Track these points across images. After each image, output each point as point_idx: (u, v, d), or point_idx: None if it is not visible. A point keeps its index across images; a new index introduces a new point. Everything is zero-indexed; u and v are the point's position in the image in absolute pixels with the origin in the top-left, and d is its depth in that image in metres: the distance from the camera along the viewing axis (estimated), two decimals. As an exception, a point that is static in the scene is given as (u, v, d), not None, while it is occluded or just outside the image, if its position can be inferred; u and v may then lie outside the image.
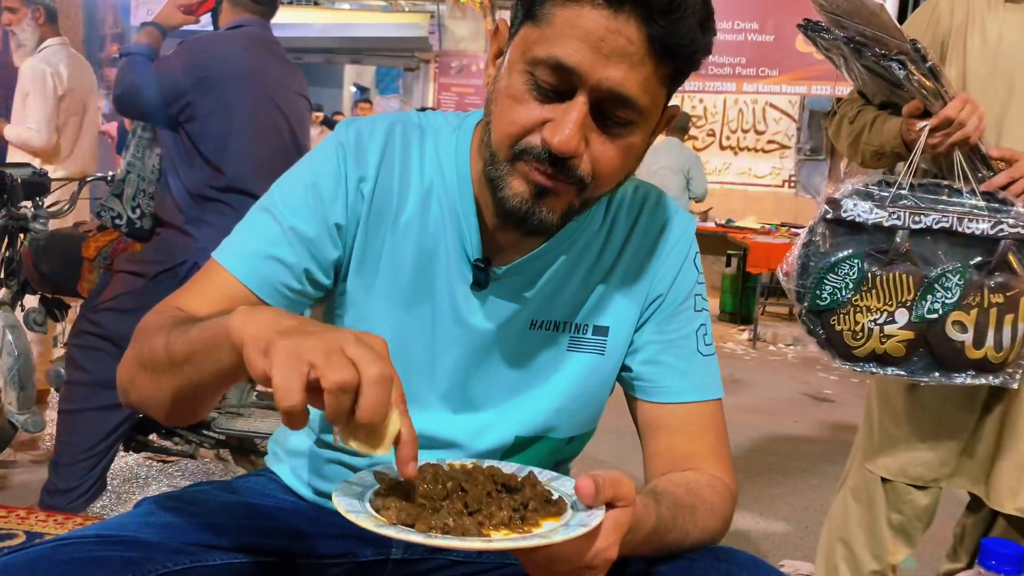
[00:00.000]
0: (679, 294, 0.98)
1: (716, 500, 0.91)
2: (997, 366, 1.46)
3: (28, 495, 2.59)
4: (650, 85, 0.81)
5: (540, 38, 0.80)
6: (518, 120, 0.82)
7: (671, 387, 0.97)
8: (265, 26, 2.38)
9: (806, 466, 3.55)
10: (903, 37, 1.43)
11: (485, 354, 0.95)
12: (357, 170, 0.92)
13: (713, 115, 9.09)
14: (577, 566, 0.69)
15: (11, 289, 2.70)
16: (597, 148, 0.82)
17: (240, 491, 1.04)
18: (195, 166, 2.26)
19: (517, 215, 0.85)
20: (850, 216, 1.40)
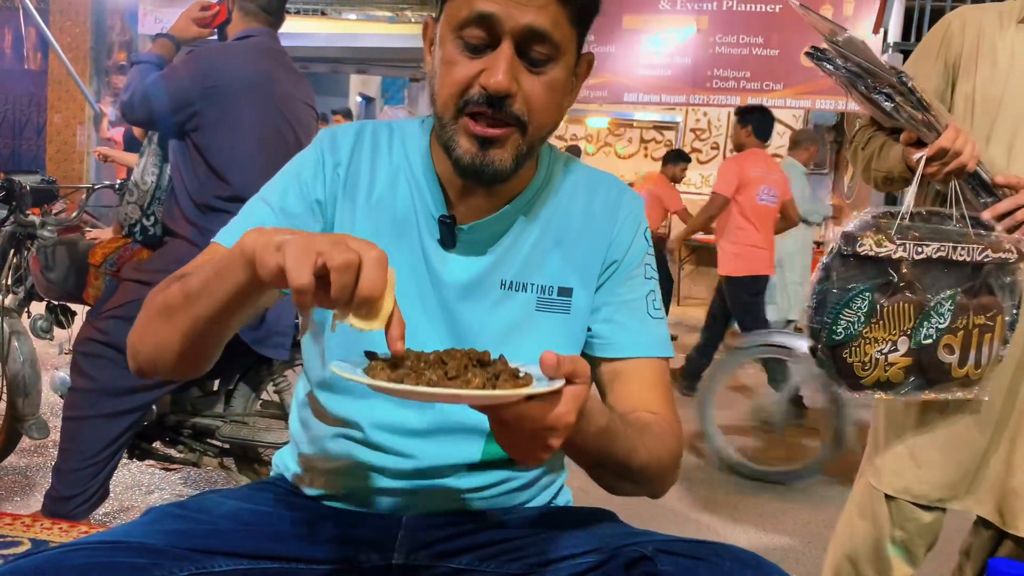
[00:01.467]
0: (632, 261, 1.08)
1: (665, 436, 1.00)
2: (974, 381, 1.50)
3: (32, 502, 2.60)
4: (560, 22, 0.93)
5: (461, 4, 0.92)
6: (457, 78, 0.94)
7: (626, 343, 1.06)
8: (273, 36, 2.40)
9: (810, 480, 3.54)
10: (889, 71, 1.45)
11: (460, 312, 1.03)
12: (332, 157, 1.05)
13: (717, 128, 9.12)
14: (540, 426, 0.76)
15: (17, 296, 2.71)
16: (527, 86, 0.94)
17: (245, 499, 1.06)
18: (201, 176, 2.27)
19: (473, 168, 0.95)
20: (864, 251, 1.42)
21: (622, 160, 9.33)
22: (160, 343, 0.93)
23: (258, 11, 2.36)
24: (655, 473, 0.98)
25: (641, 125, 8.93)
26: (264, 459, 2.49)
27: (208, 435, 2.45)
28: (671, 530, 2.72)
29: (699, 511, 3.07)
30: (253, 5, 2.35)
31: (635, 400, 1.03)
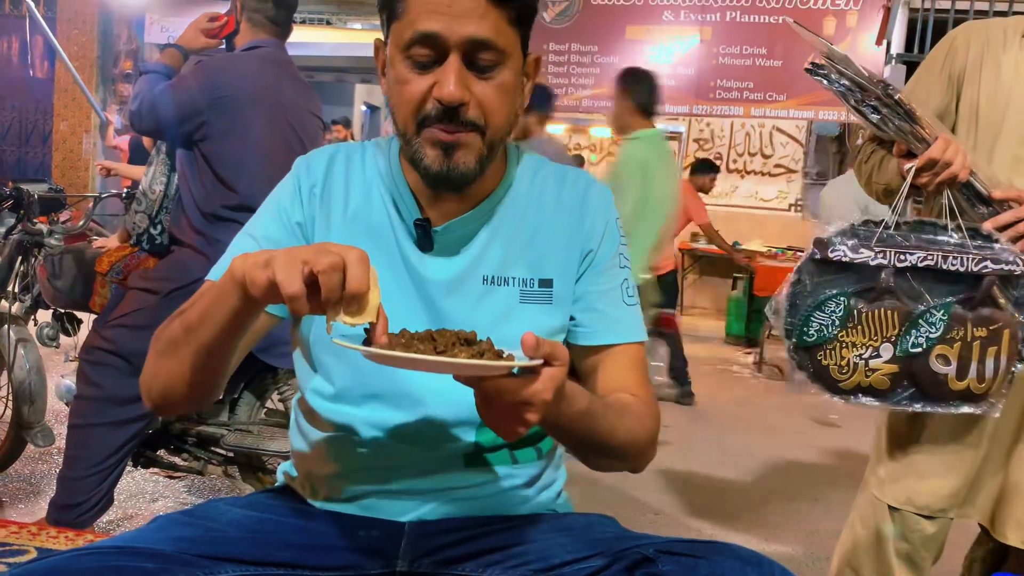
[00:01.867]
0: (608, 251, 1.13)
1: (643, 416, 1.06)
2: (979, 396, 1.49)
3: (37, 509, 2.61)
4: (500, 27, 0.97)
5: (404, 27, 0.97)
6: (412, 95, 0.98)
7: (605, 331, 1.11)
8: (281, 47, 2.42)
9: (812, 491, 3.54)
10: (875, 83, 1.47)
11: (446, 308, 1.06)
12: (308, 179, 1.10)
13: (720, 138, 9.13)
14: (519, 399, 0.81)
15: (24, 304, 2.72)
16: (478, 91, 0.98)
17: (251, 507, 1.08)
18: (208, 185, 2.28)
19: (441, 175, 1.00)
20: (837, 256, 1.44)
21: (625, 170, 9.35)
22: (169, 379, 0.98)
23: (266, 22, 2.38)
24: (634, 451, 1.05)
25: (645, 135, 8.95)
26: (268, 467, 2.50)
27: (213, 443, 2.46)
28: (675, 540, 2.67)
29: (701, 520, 3.07)
30: (261, 16, 2.37)
31: (615, 383, 1.10)
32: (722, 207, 9.12)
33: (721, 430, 4.46)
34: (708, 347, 7.14)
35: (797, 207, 9.00)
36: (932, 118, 1.58)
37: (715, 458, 3.89)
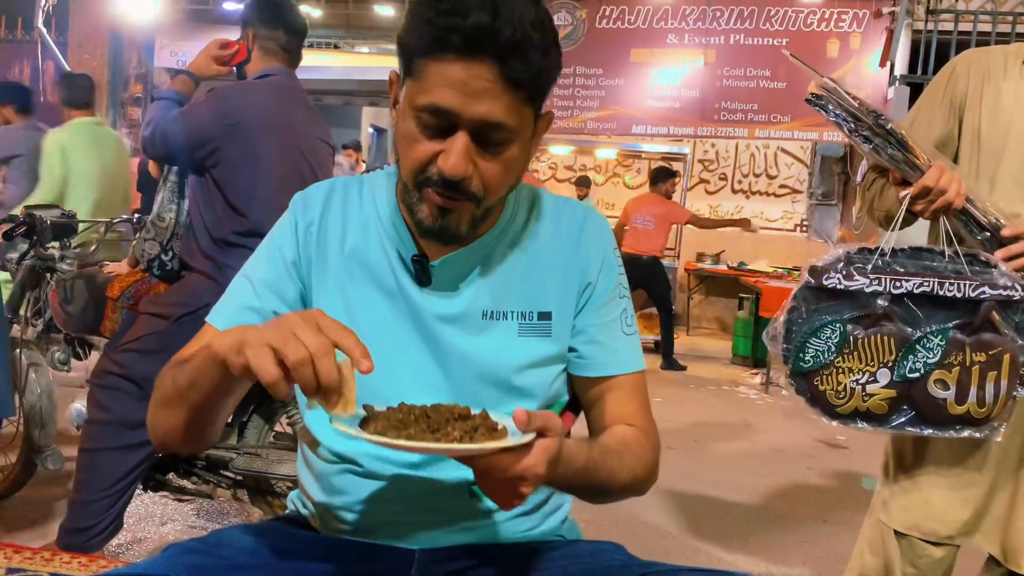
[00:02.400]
0: (608, 283, 1.14)
1: (642, 451, 1.08)
2: (980, 420, 1.50)
3: (48, 532, 2.62)
4: (514, 108, 0.97)
5: (419, 90, 0.96)
6: (416, 156, 0.99)
7: (605, 362, 1.13)
8: (292, 75, 2.46)
9: (820, 514, 3.52)
10: (867, 113, 1.49)
11: (446, 342, 1.08)
12: (304, 217, 1.12)
13: (725, 159, 9.16)
14: (511, 475, 0.84)
15: (36, 328, 2.75)
16: (483, 167, 0.99)
17: (262, 535, 1.09)
18: (219, 210, 2.31)
19: (432, 232, 1.02)
20: (831, 284, 1.47)
21: (631, 190, 9.38)
22: (167, 429, 1.02)
23: (278, 50, 2.41)
24: (635, 487, 1.08)
25: (650, 156, 8.98)
26: (277, 491, 2.51)
27: (222, 467, 2.47)
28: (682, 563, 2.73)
29: (710, 544, 3.06)
30: (273, 44, 2.41)
31: (615, 414, 1.13)
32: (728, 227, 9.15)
33: (728, 451, 4.45)
34: (715, 367, 7.13)
35: (803, 227, 9.02)
36: (928, 146, 1.60)
37: (723, 479, 3.88)
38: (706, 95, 7.78)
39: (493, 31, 0.91)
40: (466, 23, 0.91)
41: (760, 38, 7.68)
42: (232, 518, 2.88)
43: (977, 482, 1.62)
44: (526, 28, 0.93)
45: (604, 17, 8.05)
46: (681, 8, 7.89)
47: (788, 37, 7.50)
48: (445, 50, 0.93)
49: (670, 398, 5.53)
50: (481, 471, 0.86)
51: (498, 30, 0.91)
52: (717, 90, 7.75)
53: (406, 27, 0.97)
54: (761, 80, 7.68)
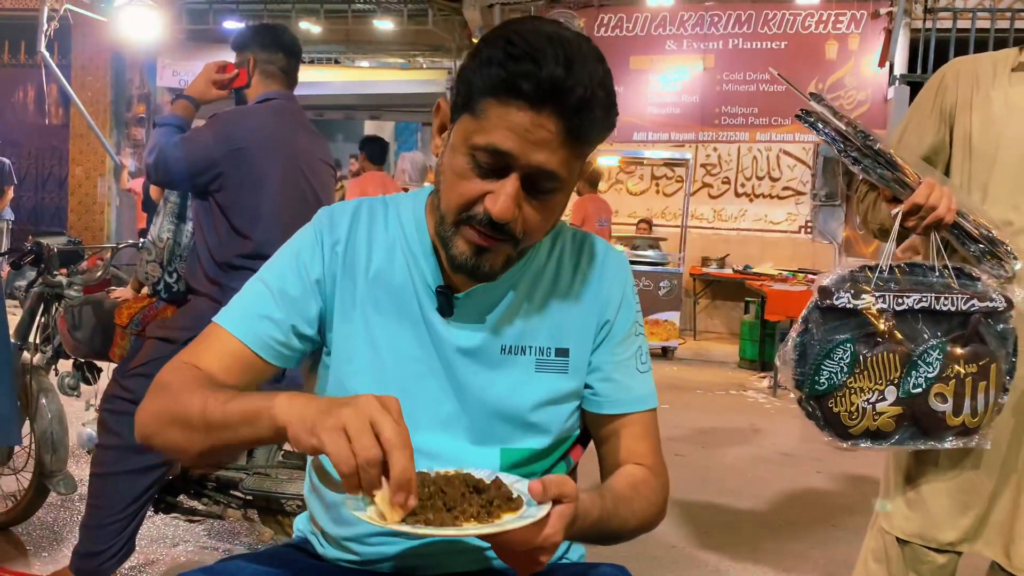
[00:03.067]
0: (625, 321, 1.15)
1: (651, 493, 1.11)
2: (973, 429, 1.53)
3: (59, 557, 2.64)
4: (567, 161, 0.98)
5: (478, 128, 0.96)
6: (464, 193, 0.99)
7: (620, 400, 1.15)
8: (292, 98, 2.49)
9: (829, 518, 3.53)
10: (855, 134, 1.51)
11: (464, 375, 1.09)
12: (331, 236, 1.11)
13: (727, 162, 9.18)
14: (530, 547, 0.86)
15: (45, 354, 2.78)
16: (528, 212, 1.00)
17: (269, 561, 1.10)
18: (223, 234, 2.33)
19: (465, 268, 1.02)
20: (841, 303, 1.48)
21: (633, 197, 9.40)
22: (176, 445, 1.01)
23: (278, 73, 2.45)
24: (643, 529, 1.09)
25: (652, 163, 9.00)
26: (287, 510, 2.53)
27: (232, 487, 2.49)
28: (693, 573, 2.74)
29: (720, 555, 3.07)
30: (274, 67, 2.44)
31: (626, 452, 1.15)
32: (732, 231, 9.16)
33: (735, 457, 4.46)
34: (722, 372, 7.14)
35: (807, 229, 9.02)
36: (917, 161, 1.62)
37: (731, 486, 3.89)
38: (706, 100, 7.80)
39: (566, 87, 0.92)
40: (540, 73, 0.91)
41: (759, 42, 7.70)
42: (243, 538, 2.90)
43: (977, 489, 1.63)
44: (595, 87, 0.94)
45: (603, 25, 8.08)
46: (679, 14, 7.92)
47: (786, 40, 7.52)
48: (513, 95, 0.93)
49: (677, 404, 5.54)
50: (500, 545, 0.88)
51: (571, 88, 0.92)
52: (717, 95, 7.77)
53: (471, 63, 0.98)
54: (761, 83, 7.70)
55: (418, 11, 9.53)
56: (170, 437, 1.00)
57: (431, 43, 9.74)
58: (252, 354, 1.06)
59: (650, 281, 7.53)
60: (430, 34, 9.53)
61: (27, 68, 10.67)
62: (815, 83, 7.42)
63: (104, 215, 10.75)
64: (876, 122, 7.26)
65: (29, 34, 8.95)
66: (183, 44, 10.09)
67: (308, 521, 1.18)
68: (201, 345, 1.07)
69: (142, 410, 1.04)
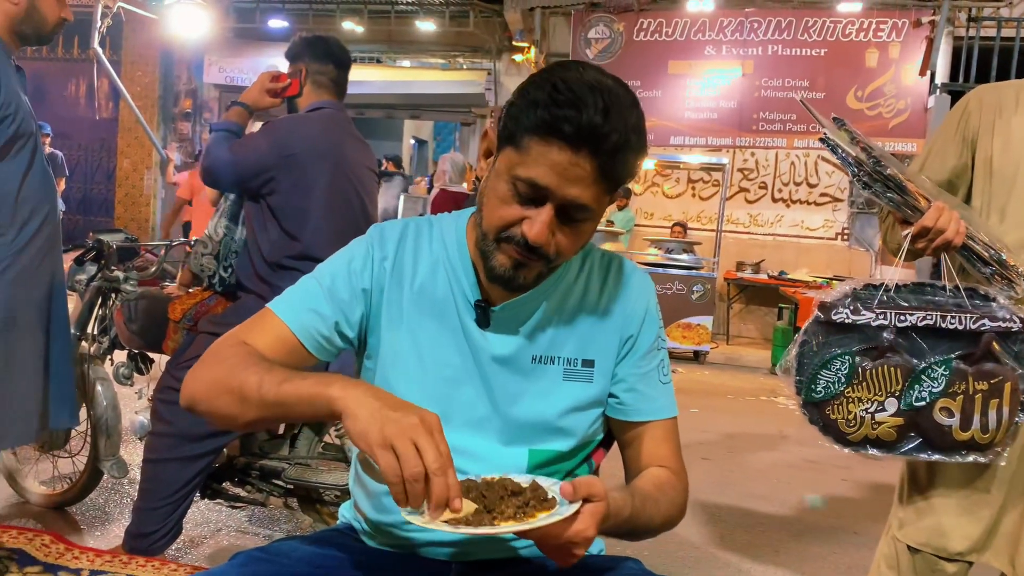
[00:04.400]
0: (649, 336, 1.26)
1: (675, 494, 1.21)
2: (985, 445, 1.59)
3: (111, 536, 2.79)
4: (598, 196, 1.09)
5: (520, 161, 1.08)
6: (504, 216, 1.10)
7: (643, 409, 1.25)
8: (341, 108, 2.61)
9: (851, 525, 3.58)
10: (866, 161, 1.59)
11: (498, 383, 1.19)
12: (380, 251, 1.23)
13: (765, 168, 9.17)
14: (565, 541, 0.97)
15: (102, 345, 2.93)
16: (560, 237, 1.11)
17: (318, 544, 1.22)
18: (274, 236, 2.46)
19: (502, 280, 1.14)
20: (839, 319, 1.56)
21: (669, 200, 9.44)
22: (222, 413, 1.10)
23: (329, 83, 2.57)
24: (666, 526, 1.20)
25: (688, 167, 9.04)
26: (326, 499, 2.65)
27: (274, 476, 2.62)
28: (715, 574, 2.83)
29: (740, 556, 3.14)
30: (325, 78, 2.57)
31: (649, 456, 1.25)
32: (768, 236, 9.16)
33: (762, 462, 4.51)
34: (754, 377, 7.15)
35: (844, 236, 8.99)
36: (931, 186, 1.68)
37: (756, 490, 3.94)
38: (744, 106, 7.83)
39: (603, 133, 1.03)
40: (580, 118, 1.02)
41: (798, 48, 7.71)
42: (282, 524, 3.03)
43: (987, 501, 1.69)
44: (628, 133, 1.05)
45: (642, 30, 8.13)
46: (719, 20, 7.94)
47: (826, 47, 7.52)
48: (554, 135, 1.04)
49: (707, 409, 5.59)
50: (538, 539, 0.98)
51: (607, 133, 1.03)
52: (755, 101, 7.80)
53: (518, 102, 1.09)
54: (799, 91, 7.71)
55: (459, 12, 9.66)
56: (219, 405, 1.09)
57: (471, 44, 9.86)
58: (297, 342, 1.17)
59: (683, 285, 7.57)
60: (471, 35, 9.66)
61: (80, 63, 10.99)
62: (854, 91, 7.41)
63: (150, 207, 11.04)
64: (915, 131, 7.24)
65: (83, 30, 9.22)
66: (230, 41, 10.33)
67: (352, 509, 1.29)
68: (253, 326, 1.18)
69: (192, 377, 1.13)
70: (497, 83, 9.58)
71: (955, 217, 1.57)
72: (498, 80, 9.59)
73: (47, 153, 9.40)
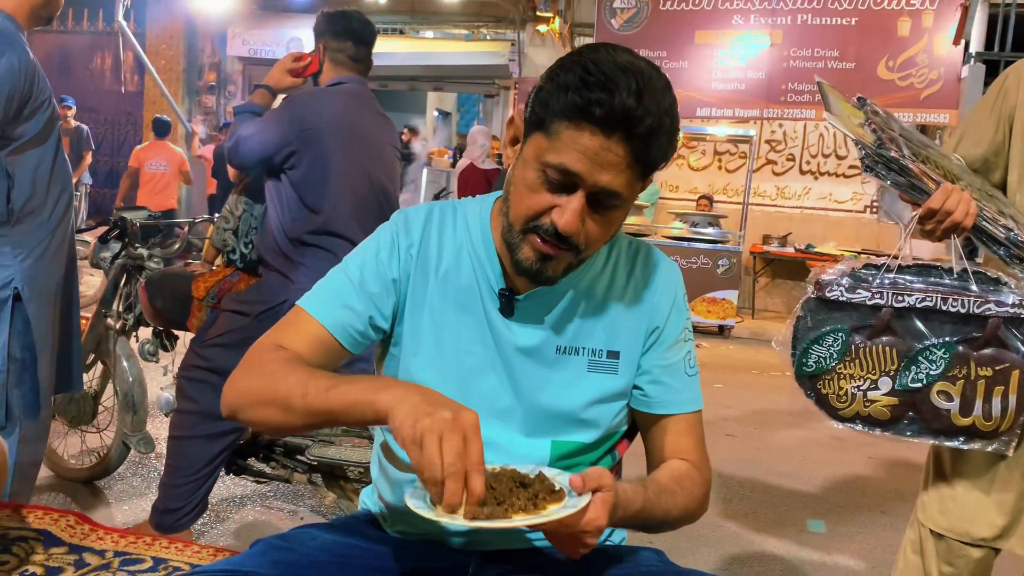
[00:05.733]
0: (675, 328, 1.23)
1: (694, 487, 1.18)
2: (988, 433, 1.56)
3: (138, 510, 2.83)
4: (631, 182, 1.06)
5: (550, 148, 1.04)
6: (533, 205, 1.07)
7: (667, 401, 1.22)
8: (363, 83, 2.59)
9: (877, 504, 3.55)
10: (871, 143, 1.55)
11: (522, 372, 1.17)
12: (406, 238, 1.21)
13: (793, 140, 9.04)
14: (575, 531, 0.95)
15: (127, 321, 2.95)
16: (590, 225, 1.08)
17: (338, 532, 1.22)
18: (294, 211, 2.45)
19: (528, 273, 1.11)
20: (833, 296, 1.55)
21: (695, 172, 9.34)
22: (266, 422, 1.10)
23: (347, 61, 2.55)
24: (686, 520, 1.18)
25: (715, 139, 8.92)
26: (349, 476, 2.66)
27: (298, 453, 2.64)
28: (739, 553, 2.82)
29: (765, 534, 3.13)
30: (343, 56, 2.54)
31: (672, 448, 1.23)
32: (796, 209, 9.05)
33: (787, 440, 4.48)
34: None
35: (873, 208, 8.86)
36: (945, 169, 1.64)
37: (782, 468, 3.92)
38: (772, 76, 7.67)
39: (636, 116, 0.99)
40: (613, 102, 0.98)
41: (828, 17, 7.52)
42: (306, 500, 3.06)
43: (1010, 488, 1.66)
44: (662, 116, 1.01)
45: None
46: (747, -12, 7.79)
47: (857, 16, 7.33)
48: (586, 120, 1.00)
49: (731, 384, 5.56)
50: (549, 532, 0.98)
51: (640, 117, 0.99)
52: (784, 71, 7.63)
53: (546, 86, 1.05)
54: (829, 60, 7.54)
55: (483, -18, 9.55)
56: (263, 415, 1.08)
57: (495, 14, 9.75)
58: (332, 339, 1.16)
59: (708, 259, 7.51)
60: (494, 5, 9.55)
61: (104, 36, 11.02)
62: (885, 61, 7.24)
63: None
64: (948, 102, 7.08)
65: (107, 3, 9.24)
66: (253, 14, 10.29)
67: (374, 496, 1.29)
68: (288, 327, 1.17)
69: (231, 387, 1.12)
70: (521, 54, 9.47)
71: (965, 198, 1.52)
72: (522, 51, 9.48)
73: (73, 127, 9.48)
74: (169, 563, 1.46)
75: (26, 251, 2.11)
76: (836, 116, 1.58)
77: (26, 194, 2.07)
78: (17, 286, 2.08)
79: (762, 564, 2.87)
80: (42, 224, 2.15)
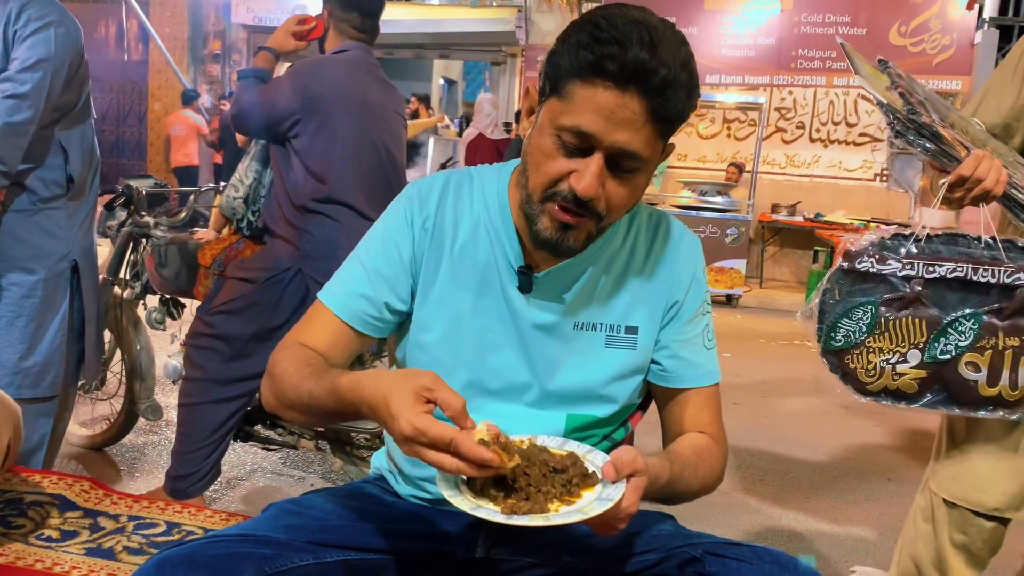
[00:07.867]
0: (694, 302, 1.21)
1: (713, 460, 1.18)
2: (1013, 402, 1.54)
3: (150, 477, 2.86)
4: (650, 141, 1.03)
5: (564, 110, 1.02)
6: (550, 171, 1.05)
7: (686, 375, 1.21)
8: (368, 51, 2.56)
9: (885, 472, 3.56)
10: (901, 108, 1.52)
11: (539, 349, 1.16)
12: (421, 213, 1.19)
13: (803, 107, 8.94)
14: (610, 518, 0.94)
15: (134, 290, 2.96)
16: (611, 189, 1.04)
17: (350, 497, 1.22)
18: (299, 178, 2.44)
19: (549, 244, 1.08)
20: (864, 268, 1.52)
21: (704, 140, 9.27)
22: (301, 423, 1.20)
23: (352, 31, 2.53)
24: (704, 491, 1.17)
25: (724, 106, 8.84)
26: (356, 443, 2.68)
27: (306, 420, 2.65)
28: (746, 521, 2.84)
29: (771, 503, 3.14)
30: (347, 26, 2.52)
31: (690, 421, 1.22)
32: (805, 177, 8.98)
33: (795, 408, 4.49)
34: (787, 322, 7.08)
35: (883, 177, 8.78)
36: (976, 133, 1.61)
37: (788, 436, 3.93)
38: (783, 43, 7.60)
39: (650, 68, 0.96)
40: (625, 55, 0.96)
41: (840, -18, 7.45)
42: (315, 467, 3.08)
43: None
44: (677, 69, 0.98)
45: (677, -36, 7.89)
46: (757, -47, 7.69)
47: (869, -19, 7.25)
48: (599, 76, 0.98)
49: (740, 353, 5.56)
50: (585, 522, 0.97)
51: (654, 68, 0.96)
52: (794, 37, 7.56)
53: (559, 48, 1.03)
54: (840, 26, 7.46)
55: (490, -53, 9.42)
56: (293, 417, 1.15)
57: (501, -20, 9.64)
58: (350, 329, 1.17)
59: (716, 228, 7.47)
60: (501, -29, 9.44)
61: (108, 4, 10.93)
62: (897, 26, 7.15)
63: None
64: (961, 68, 7.00)
65: (110, -29, 9.15)
66: (257, -19, 10.19)
67: (385, 458, 1.29)
68: (308, 324, 1.20)
69: (264, 390, 1.17)
70: (528, 20, 9.37)
71: (996, 165, 1.50)
72: (529, 17, 9.38)
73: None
74: (182, 527, 1.47)
75: (78, 223, 2.18)
76: (864, 79, 1.55)
77: (79, 166, 2.13)
78: (75, 258, 2.16)
79: (769, 531, 2.88)
80: (88, 195, 2.20)
